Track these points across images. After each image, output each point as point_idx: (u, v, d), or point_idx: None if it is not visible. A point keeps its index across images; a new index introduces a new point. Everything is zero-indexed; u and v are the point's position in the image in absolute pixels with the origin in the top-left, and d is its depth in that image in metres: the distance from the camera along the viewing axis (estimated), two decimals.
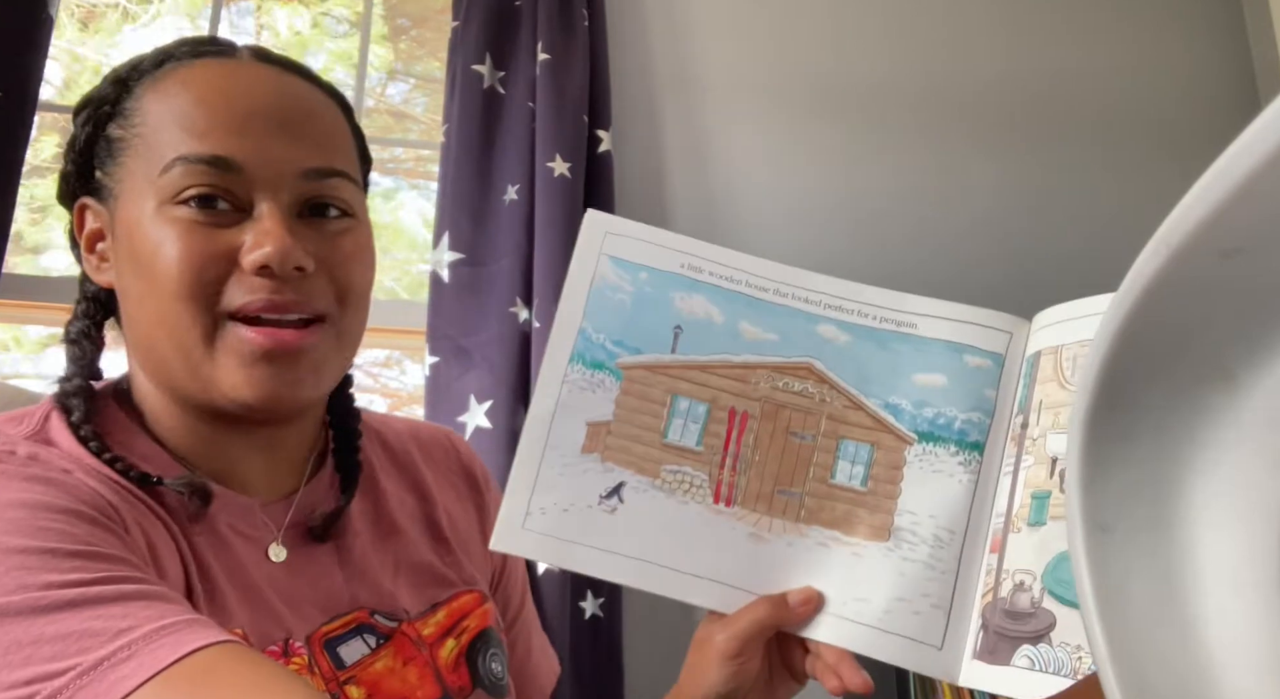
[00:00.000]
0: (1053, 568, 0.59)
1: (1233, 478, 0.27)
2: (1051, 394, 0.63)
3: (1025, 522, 0.62)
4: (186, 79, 0.61)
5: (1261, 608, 0.26)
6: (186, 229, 0.57)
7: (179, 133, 0.59)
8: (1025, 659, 0.58)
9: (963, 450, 0.65)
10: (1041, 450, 0.63)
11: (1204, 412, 0.27)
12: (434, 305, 1.48)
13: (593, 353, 0.68)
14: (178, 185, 0.58)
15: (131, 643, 0.44)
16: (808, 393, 0.68)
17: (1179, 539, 0.27)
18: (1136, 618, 0.26)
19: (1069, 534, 0.29)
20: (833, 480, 0.66)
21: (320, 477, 0.69)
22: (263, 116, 0.60)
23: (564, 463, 0.66)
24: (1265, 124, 0.19)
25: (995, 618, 0.60)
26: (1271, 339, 0.25)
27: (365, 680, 0.62)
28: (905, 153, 1.76)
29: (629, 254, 0.70)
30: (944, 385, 0.66)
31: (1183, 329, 0.25)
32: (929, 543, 0.64)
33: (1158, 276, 0.24)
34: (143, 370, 0.63)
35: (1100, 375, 0.27)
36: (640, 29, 1.75)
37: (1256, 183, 0.20)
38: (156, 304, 0.58)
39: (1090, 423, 0.28)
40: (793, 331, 0.68)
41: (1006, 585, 0.61)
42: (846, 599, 0.63)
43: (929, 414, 0.66)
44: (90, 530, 0.51)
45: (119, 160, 0.61)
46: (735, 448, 0.67)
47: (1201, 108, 1.85)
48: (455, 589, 0.72)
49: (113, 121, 0.62)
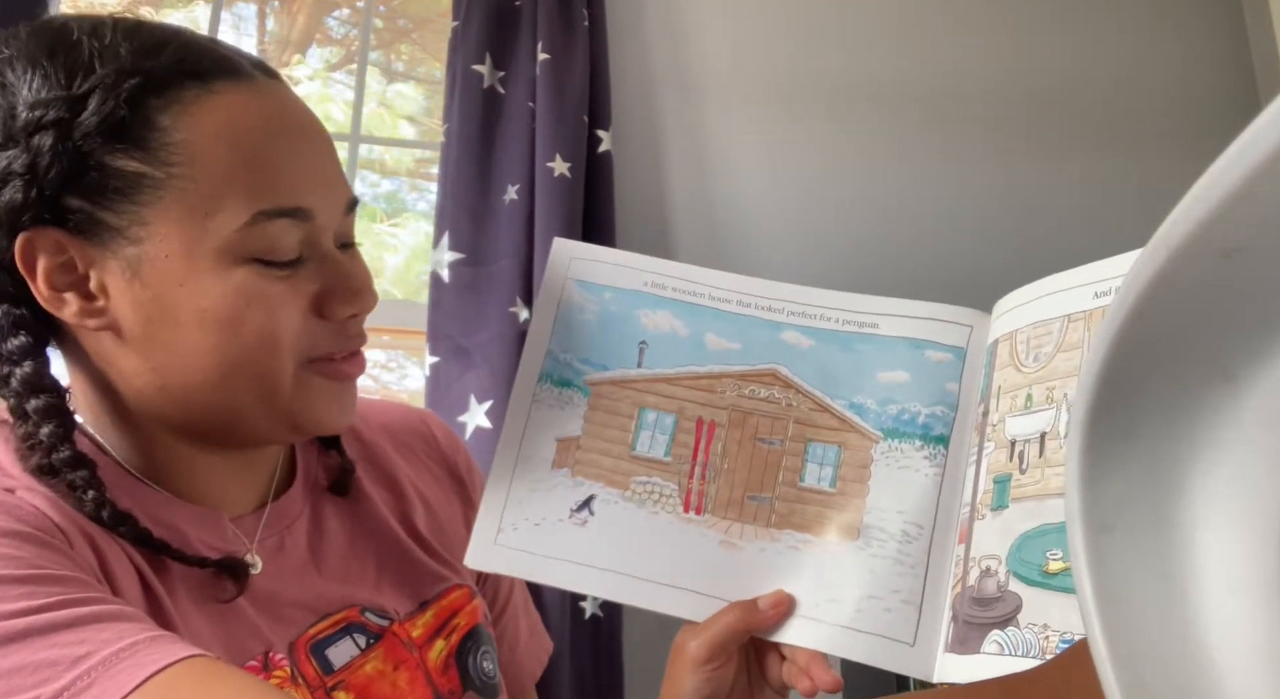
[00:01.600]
0: (1016, 549, 0.59)
1: (1233, 478, 0.27)
2: (1009, 378, 0.63)
3: (989, 507, 0.62)
4: (237, 111, 0.54)
5: (1261, 608, 0.26)
6: (269, 285, 0.54)
7: (254, 178, 0.53)
8: (994, 645, 0.57)
9: (928, 445, 0.65)
10: (1001, 435, 0.63)
11: (1204, 412, 0.27)
12: (434, 305, 1.48)
13: (560, 372, 0.70)
14: (260, 242, 0.53)
15: (90, 670, 0.42)
16: (774, 398, 0.68)
17: (1179, 539, 0.27)
18: (1136, 618, 0.26)
19: (1069, 534, 0.29)
20: (802, 484, 0.67)
21: (293, 488, 0.67)
22: (316, 153, 0.57)
23: (535, 479, 0.67)
24: (1265, 124, 0.19)
25: (964, 607, 0.60)
26: (1271, 339, 0.25)
27: (354, 685, 0.60)
28: (906, 152, 1.76)
29: (594, 276, 0.72)
30: (907, 382, 0.67)
31: (1183, 329, 0.25)
32: (897, 539, 0.64)
33: (1158, 276, 0.24)
34: (134, 407, 0.57)
35: (1100, 375, 0.27)
36: (640, 29, 1.75)
37: (1256, 183, 0.20)
38: (230, 360, 0.54)
39: (1090, 423, 0.28)
40: (757, 340, 0.69)
41: (974, 573, 0.60)
42: (818, 601, 0.63)
43: (893, 411, 0.66)
44: (36, 552, 0.48)
45: (140, 200, 0.52)
46: (704, 456, 0.68)
47: (1201, 108, 1.85)
48: (443, 585, 0.70)
49: (119, 149, 0.52)
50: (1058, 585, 0.56)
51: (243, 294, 0.54)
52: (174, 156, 0.52)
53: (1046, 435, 0.60)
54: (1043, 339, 0.62)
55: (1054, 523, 0.58)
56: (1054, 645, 0.54)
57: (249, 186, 0.53)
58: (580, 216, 1.52)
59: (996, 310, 0.67)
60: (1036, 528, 0.58)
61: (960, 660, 0.59)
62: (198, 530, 0.59)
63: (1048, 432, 0.60)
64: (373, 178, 2.05)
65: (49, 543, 0.49)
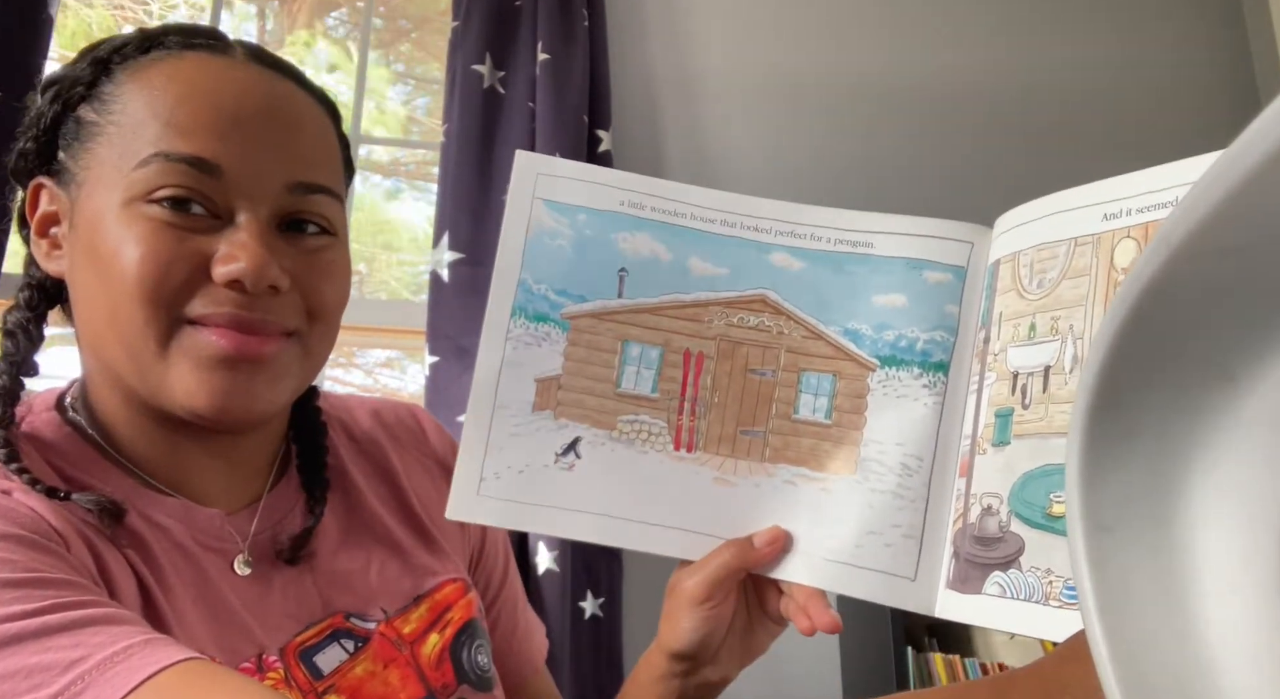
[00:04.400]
0: (1019, 489, 0.56)
1: (1233, 478, 0.27)
2: (1011, 305, 0.60)
3: (990, 442, 0.59)
4: (174, 71, 0.58)
5: (1261, 608, 0.26)
6: (155, 229, 0.54)
7: (160, 127, 0.55)
8: (996, 586, 0.55)
9: (926, 372, 0.62)
10: (1003, 366, 0.59)
11: (1204, 411, 0.27)
12: (434, 305, 1.48)
13: (535, 305, 0.65)
14: (153, 183, 0.54)
15: (85, 674, 0.42)
16: (764, 326, 0.65)
17: (1179, 539, 0.27)
18: (1136, 618, 0.26)
19: (1069, 534, 0.29)
20: (796, 416, 0.64)
21: (284, 484, 0.66)
22: (251, 121, 0.57)
23: (515, 423, 0.64)
24: (1265, 124, 0.19)
25: (965, 545, 0.58)
26: (1271, 339, 0.25)
27: (345, 688, 0.60)
28: (906, 151, 1.76)
29: (564, 196, 0.66)
30: (904, 305, 0.63)
31: (1183, 329, 0.25)
32: (896, 471, 0.61)
33: (1158, 276, 0.24)
34: (96, 368, 0.59)
35: (1100, 375, 0.27)
36: (640, 29, 1.75)
37: (1256, 182, 0.20)
38: (110, 303, 0.55)
39: (1090, 423, 0.28)
40: (744, 263, 0.65)
41: (975, 510, 0.58)
42: (817, 537, 0.61)
43: (890, 337, 0.63)
44: (31, 556, 0.47)
45: (88, 146, 0.57)
46: (693, 391, 0.65)
47: (1201, 108, 1.85)
48: (437, 579, 0.69)
49: (86, 103, 0.58)
50: (1061, 529, 0.53)
51: (135, 238, 0.54)
52: (113, 106, 0.57)
53: (1051, 369, 0.57)
54: (1047, 263, 0.58)
55: (1057, 463, 0.55)
56: (1058, 591, 0.52)
57: (156, 133, 0.55)
58: None
59: (998, 227, 0.63)
60: (1039, 467, 0.56)
61: (963, 600, 0.57)
62: (189, 528, 0.58)
63: (1052, 365, 0.56)
64: (375, 179, 2.05)
65: (45, 546, 0.49)
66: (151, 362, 0.55)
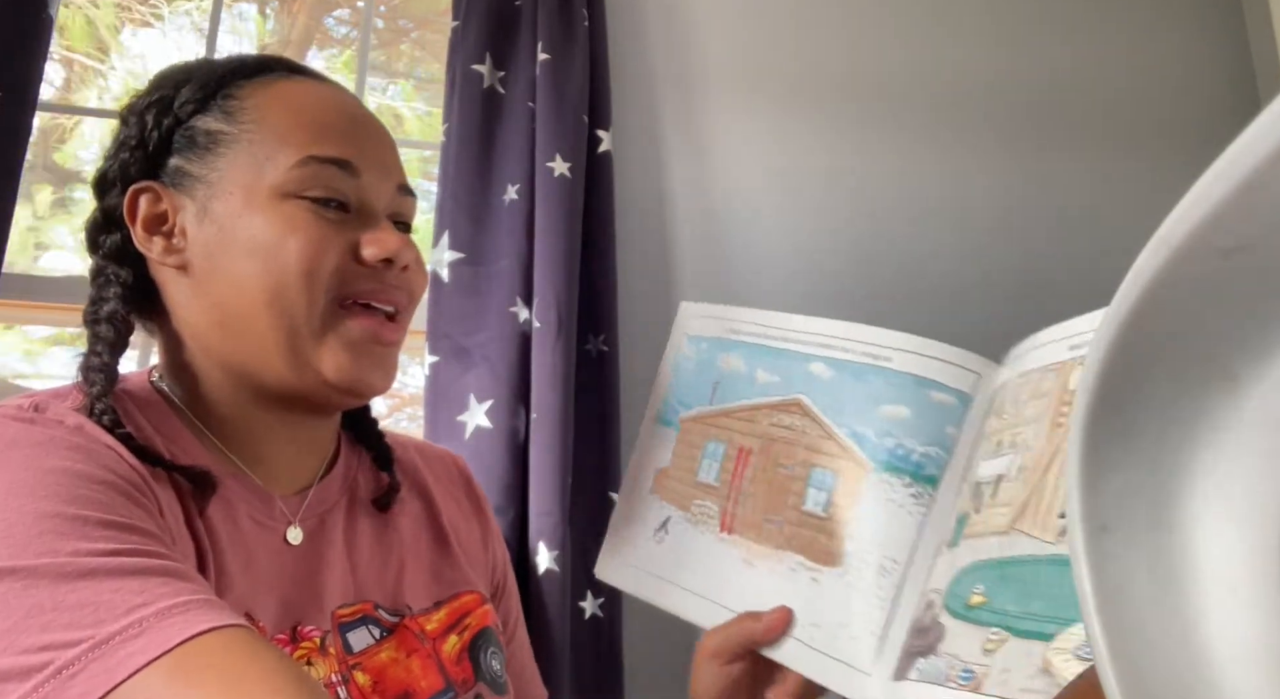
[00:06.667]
0: (955, 583, 0.60)
1: (1233, 478, 0.27)
2: (991, 425, 0.64)
3: (947, 545, 0.63)
4: (303, 91, 0.68)
5: (1261, 607, 0.26)
6: (313, 220, 0.63)
7: (306, 134, 0.65)
8: (916, 671, 0.59)
9: (917, 483, 0.66)
10: (972, 477, 0.64)
11: (1204, 411, 0.27)
12: (434, 305, 1.48)
13: (666, 413, 0.81)
14: (307, 181, 0.63)
15: (144, 620, 0.45)
16: (795, 426, 0.72)
17: (1179, 539, 0.27)
18: (1136, 618, 0.26)
19: (1069, 534, 0.29)
20: (804, 508, 0.69)
21: (333, 475, 0.73)
22: (372, 134, 0.68)
23: (641, 504, 0.79)
24: (1265, 124, 0.19)
25: (909, 636, 0.62)
26: (1272, 339, 0.25)
27: (370, 668, 0.64)
28: (907, 151, 1.76)
29: (700, 330, 0.81)
30: (907, 418, 0.67)
31: (1183, 329, 0.25)
32: (874, 570, 0.65)
33: (1158, 276, 0.24)
34: (207, 352, 0.65)
35: (1100, 375, 0.27)
36: (640, 29, 1.75)
37: (1257, 182, 0.20)
38: (271, 285, 0.62)
39: (1090, 423, 0.28)
40: (790, 372, 0.74)
41: (921, 605, 0.62)
42: (804, 623, 0.67)
43: (889, 444, 0.67)
44: (124, 503, 0.52)
45: (219, 152, 0.65)
46: (739, 481, 0.74)
47: (1201, 108, 1.85)
48: (457, 589, 0.75)
49: (205, 115, 0.66)
50: (974, 618, 0.57)
51: (288, 224, 0.62)
52: (246, 117, 0.66)
53: (1003, 478, 0.61)
54: (1022, 389, 0.63)
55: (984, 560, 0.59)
56: (956, 674, 0.56)
57: (302, 140, 0.64)
58: (580, 216, 1.52)
59: (1006, 359, 0.68)
60: (972, 563, 0.60)
61: (896, 686, 0.61)
62: (246, 504, 0.64)
63: (1004, 475, 0.61)
64: None
65: (136, 498, 0.54)
66: (308, 340, 0.63)
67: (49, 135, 2.30)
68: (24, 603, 0.45)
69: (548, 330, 1.42)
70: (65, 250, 2.36)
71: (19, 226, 1.40)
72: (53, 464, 0.52)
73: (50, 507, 0.49)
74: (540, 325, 1.42)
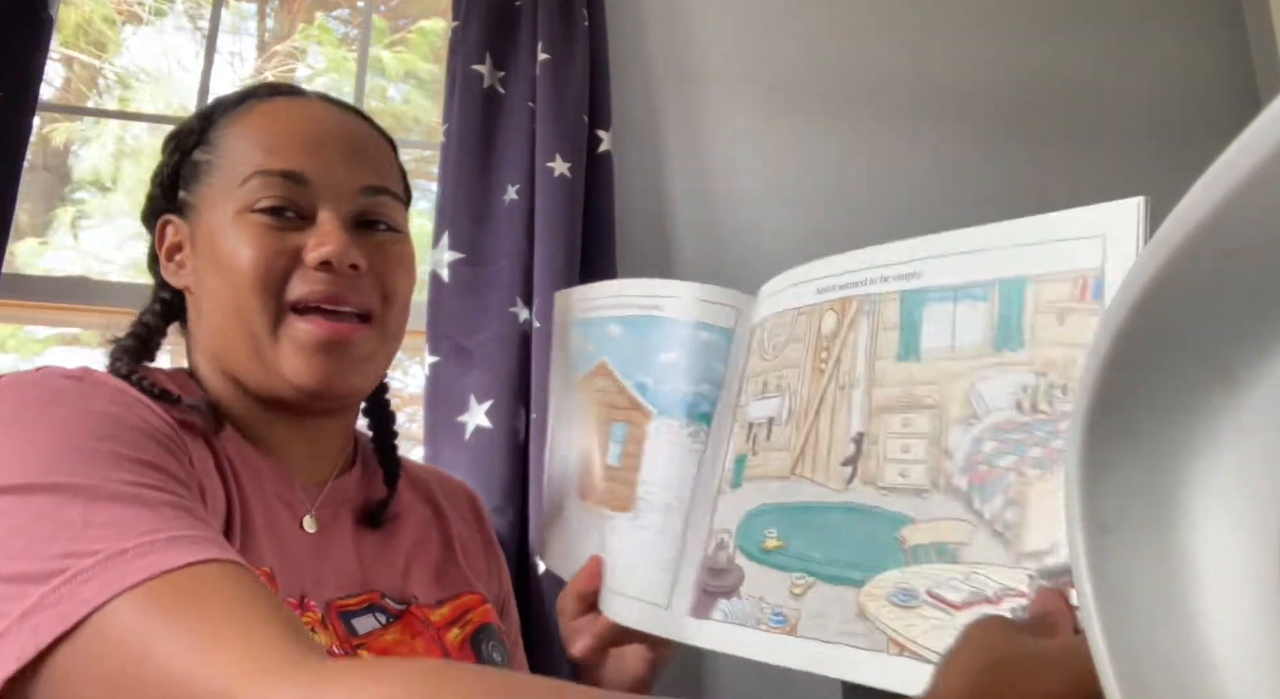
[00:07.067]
0: (744, 525, 0.63)
1: (1233, 478, 0.27)
2: (755, 364, 0.68)
3: (729, 484, 0.66)
4: (264, 111, 0.72)
5: (1261, 607, 0.26)
6: (261, 232, 0.67)
7: (258, 152, 0.69)
8: (721, 612, 0.61)
9: (693, 422, 0.70)
10: (744, 417, 0.67)
11: (1204, 411, 0.27)
12: (434, 305, 1.48)
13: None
14: (255, 195, 0.68)
15: (155, 542, 0.49)
16: (604, 388, 0.76)
17: (1179, 539, 0.27)
18: (1136, 618, 0.26)
19: (1069, 534, 0.29)
20: (609, 462, 0.74)
21: (351, 472, 0.78)
22: (328, 142, 0.71)
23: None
24: (1265, 124, 0.19)
25: (703, 575, 0.65)
26: (1271, 339, 0.25)
27: (375, 649, 0.67)
28: (907, 151, 1.76)
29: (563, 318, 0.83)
30: (679, 361, 0.71)
31: (1183, 329, 0.25)
32: (660, 510, 0.69)
33: (1158, 276, 0.24)
34: (212, 360, 0.71)
35: (1100, 375, 0.27)
36: (640, 29, 1.75)
37: (1256, 183, 0.20)
38: (232, 295, 0.67)
39: (1090, 423, 0.28)
40: (601, 338, 0.77)
41: (712, 544, 0.65)
42: (610, 569, 0.71)
43: (666, 389, 0.71)
44: (156, 449, 0.57)
45: (202, 180, 0.71)
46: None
47: (1201, 108, 1.85)
48: (460, 589, 0.78)
49: (198, 149, 0.72)
50: (772, 562, 0.60)
51: (241, 238, 0.67)
52: (221, 145, 0.71)
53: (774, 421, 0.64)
54: (779, 330, 0.67)
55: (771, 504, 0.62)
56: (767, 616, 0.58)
57: (255, 158, 0.69)
58: (580, 216, 1.52)
59: (760, 295, 0.71)
60: (759, 506, 0.62)
61: (699, 625, 0.64)
62: (273, 482, 0.69)
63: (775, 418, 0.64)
64: None
65: (167, 446, 0.59)
66: (266, 345, 0.67)
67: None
68: (57, 516, 0.50)
69: (548, 330, 1.42)
70: None
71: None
72: (97, 408, 0.58)
73: (88, 441, 0.54)
74: (540, 325, 1.42)
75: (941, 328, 0.55)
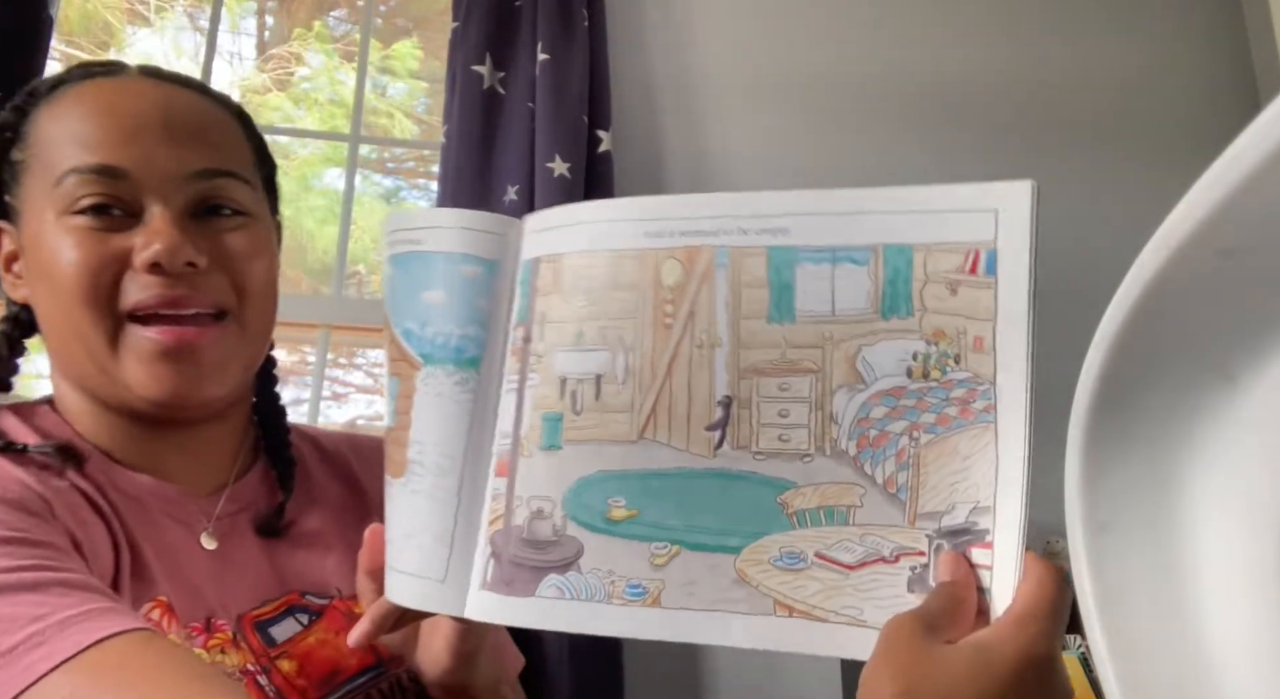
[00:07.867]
0: (574, 494, 0.57)
1: (1232, 477, 0.27)
2: (555, 308, 0.60)
3: (537, 446, 0.59)
4: (76, 98, 0.65)
5: (1261, 607, 0.26)
6: (82, 236, 0.60)
7: (70, 147, 0.62)
8: (553, 588, 0.56)
9: (460, 369, 0.61)
10: (549, 370, 0.59)
11: (1204, 412, 0.27)
12: None
13: None
14: (72, 195, 0.60)
15: (44, 630, 0.46)
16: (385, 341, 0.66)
17: (1178, 538, 0.27)
18: (1136, 617, 0.26)
19: (1069, 534, 0.29)
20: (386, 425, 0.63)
21: (251, 475, 0.71)
22: (148, 126, 0.63)
23: None
24: (1265, 124, 0.19)
25: (510, 547, 0.58)
26: (1271, 339, 0.25)
27: (296, 654, 0.64)
28: (906, 152, 1.76)
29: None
30: (443, 301, 0.62)
31: (1183, 329, 0.25)
32: (432, 472, 0.60)
33: (1158, 276, 0.24)
34: (63, 377, 0.65)
35: (1100, 375, 0.27)
36: (640, 29, 1.75)
37: (1256, 183, 0.20)
38: (64, 310, 0.61)
39: (1090, 423, 0.28)
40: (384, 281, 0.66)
41: (521, 513, 0.58)
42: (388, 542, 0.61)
43: (430, 334, 0.62)
44: (18, 517, 0.53)
45: (21, 182, 0.64)
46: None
47: (1201, 108, 1.85)
48: None
49: (14, 146, 0.65)
50: (622, 532, 0.55)
51: (63, 244, 0.60)
52: (34, 140, 0.64)
53: (603, 378, 0.58)
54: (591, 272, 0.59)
55: (613, 470, 0.56)
56: (620, 590, 0.54)
57: (68, 154, 0.62)
58: None
59: (530, 224, 0.63)
60: (596, 473, 0.57)
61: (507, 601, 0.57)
62: (159, 502, 0.64)
63: (604, 374, 0.58)
64: (375, 176, 2.05)
65: (31, 510, 0.54)
66: (106, 360, 0.61)
67: None
68: None
69: None
70: None
71: None
72: None
73: None
74: None
75: (819, 290, 0.53)
